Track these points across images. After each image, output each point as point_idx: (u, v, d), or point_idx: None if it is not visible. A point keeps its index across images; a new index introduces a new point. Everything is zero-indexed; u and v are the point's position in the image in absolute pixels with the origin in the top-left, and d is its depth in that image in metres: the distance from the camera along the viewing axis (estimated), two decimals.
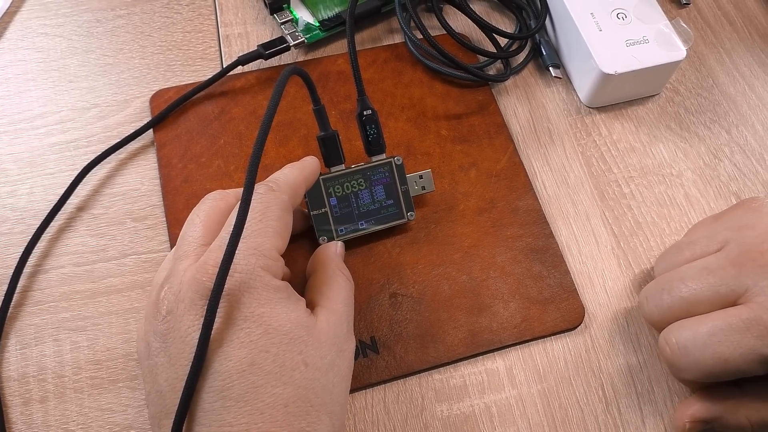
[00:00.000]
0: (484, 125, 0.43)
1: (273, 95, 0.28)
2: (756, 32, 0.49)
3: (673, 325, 0.32)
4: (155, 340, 0.28)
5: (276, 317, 0.27)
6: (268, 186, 0.31)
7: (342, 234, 0.36)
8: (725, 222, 0.34)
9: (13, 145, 0.40)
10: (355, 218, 0.37)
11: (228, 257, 0.26)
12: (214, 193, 0.33)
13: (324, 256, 0.34)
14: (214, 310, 0.26)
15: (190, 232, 0.31)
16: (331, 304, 0.31)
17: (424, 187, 0.38)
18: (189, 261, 0.29)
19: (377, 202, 0.37)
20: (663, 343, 0.32)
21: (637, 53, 0.42)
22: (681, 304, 0.32)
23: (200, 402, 0.26)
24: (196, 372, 0.26)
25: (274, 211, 0.30)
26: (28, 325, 0.35)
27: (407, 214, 0.38)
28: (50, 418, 0.33)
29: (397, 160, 0.37)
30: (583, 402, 0.35)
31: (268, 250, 0.29)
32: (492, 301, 0.37)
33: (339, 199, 0.36)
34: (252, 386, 0.26)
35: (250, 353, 0.26)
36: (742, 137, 0.44)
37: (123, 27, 0.46)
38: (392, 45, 0.46)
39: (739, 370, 0.30)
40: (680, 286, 0.32)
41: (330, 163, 0.36)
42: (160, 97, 0.42)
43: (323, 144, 0.36)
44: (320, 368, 0.28)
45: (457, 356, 0.35)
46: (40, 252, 0.37)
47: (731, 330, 0.29)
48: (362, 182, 0.37)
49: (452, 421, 0.34)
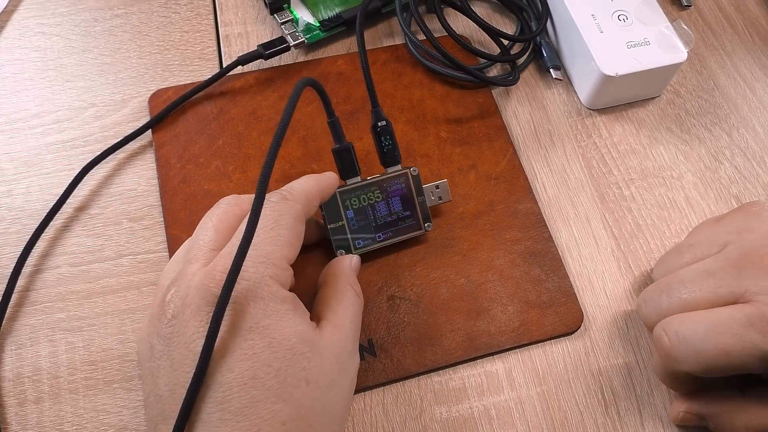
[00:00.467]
0: (484, 127, 0.43)
1: (287, 107, 0.28)
2: (757, 34, 0.49)
3: (671, 317, 0.31)
4: (158, 343, 0.27)
5: (281, 330, 0.27)
6: (281, 195, 0.30)
7: (360, 247, 0.36)
8: (726, 225, 0.34)
9: (10, 145, 0.40)
10: (373, 230, 0.36)
11: (235, 268, 0.26)
12: (228, 198, 0.32)
13: (336, 269, 0.34)
14: (219, 321, 0.26)
15: (202, 235, 0.30)
16: (337, 320, 0.30)
17: (441, 198, 0.38)
18: (198, 265, 0.29)
19: (394, 214, 0.36)
20: (660, 334, 0.31)
21: (638, 55, 0.42)
22: (680, 306, 0.31)
23: (199, 412, 0.26)
24: (197, 383, 0.25)
25: (287, 220, 0.29)
26: (23, 326, 0.35)
27: (425, 225, 0.37)
28: (45, 418, 0.33)
29: (413, 171, 0.37)
30: (582, 405, 0.35)
31: (277, 259, 0.28)
32: (490, 305, 0.37)
33: (356, 212, 0.36)
34: (252, 401, 0.26)
35: (253, 366, 0.26)
36: (742, 140, 0.44)
37: (121, 26, 0.46)
38: (392, 46, 0.46)
39: (739, 365, 0.29)
40: (679, 288, 0.32)
41: (345, 175, 0.36)
42: (159, 97, 0.42)
43: (338, 156, 0.35)
44: (321, 387, 0.28)
45: (455, 360, 0.35)
46: (36, 252, 0.37)
47: (734, 323, 0.29)
48: (379, 194, 0.36)
49: (451, 423, 0.34)
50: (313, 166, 0.40)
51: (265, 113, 0.42)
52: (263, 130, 0.41)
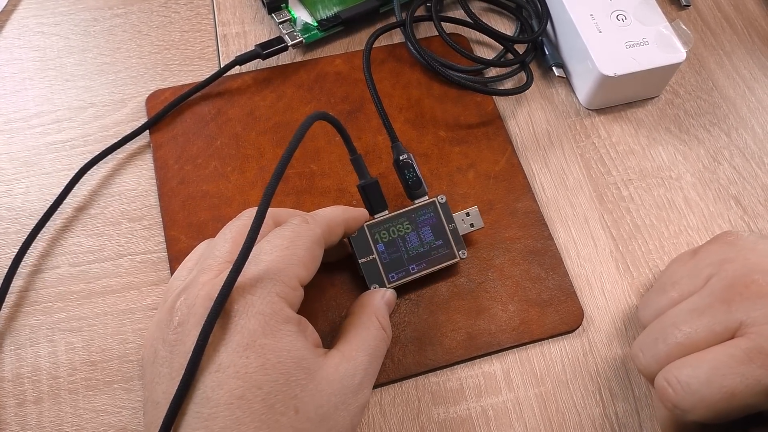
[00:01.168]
0: (483, 127, 0.43)
1: (292, 140, 0.28)
2: (756, 35, 0.49)
3: (671, 364, 0.30)
4: (163, 349, 0.27)
5: (278, 352, 0.26)
6: (303, 218, 0.30)
7: (393, 281, 0.35)
8: (704, 258, 0.33)
9: (9, 145, 0.40)
10: (405, 262, 0.35)
11: (229, 282, 0.26)
12: (251, 211, 0.31)
13: (365, 301, 0.33)
14: (207, 335, 0.25)
15: (220, 246, 0.30)
16: (349, 351, 0.29)
17: (473, 225, 0.37)
18: (209, 276, 0.28)
19: (426, 244, 0.36)
20: (664, 385, 0.29)
21: (636, 55, 0.42)
22: (678, 350, 0.30)
23: (184, 426, 0.25)
24: (181, 395, 0.25)
25: (304, 241, 0.29)
26: (22, 326, 0.35)
27: (459, 253, 0.36)
28: (44, 419, 0.33)
29: (440, 199, 0.36)
30: (580, 406, 0.35)
31: (288, 277, 0.28)
32: (490, 304, 0.37)
33: (386, 245, 0.35)
34: (236, 422, 0.25)
35: (242, 386, 0.25)
36: (741, 140, 0.44)
37: (120, 26, 0.46)
38: (390, 45, 0.46)
39: (747, 405, 0.28)
40: (674, 331, 0.31)
41: (374, 210, 0.35)
42: (156, 98, 0.42)
43: (364, 192, 0.35)
44: (311, 418, 0.27)
45: (456, 359, 0.35)
46: (35, 252, 0.37)
47: (734, 361, 0.28)
48: (408, 225, 0.36)
49: (449, 424, 0.34)
50: (311, 166, 0.40)
51: (263, 113, 0.42)
52: (261, 131, 0.41)
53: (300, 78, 0.44)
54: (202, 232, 0.38)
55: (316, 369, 0.27)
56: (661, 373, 0.30)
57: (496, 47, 0.47)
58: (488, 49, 0.47)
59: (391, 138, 0.37)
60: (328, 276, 0.37)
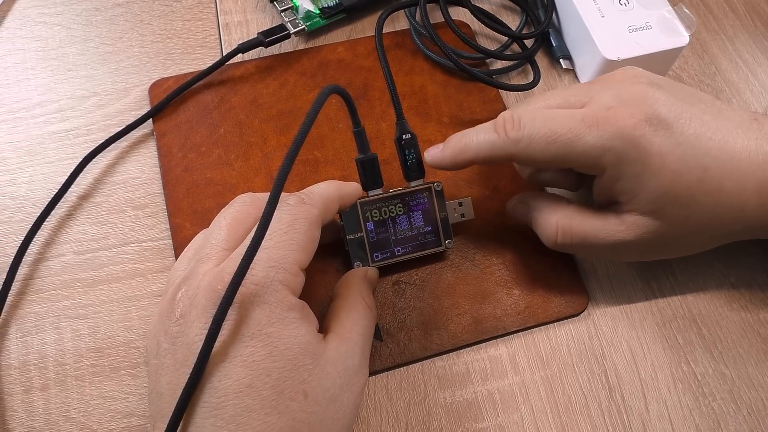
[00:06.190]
0: (486, 112, 0.43)
1: (309, 113, 0.28)
2: (759, 19, 0.49)
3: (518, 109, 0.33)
4: (165, 341, 0.27)
5: (284, 339, 0.27)
6: (299, 198, 0.30)
7: (377, 260, 0.35)
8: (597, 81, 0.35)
9: (13, 134, 0.40)
10: (392, 244, 0.35)
11: (241, 271, 0.25)
12: (244, 196, 0.31)
13: (349, 281, 0.33)
14: (219, 324, 0.25)
15: (215, 234, 0.30)
16: (345, 333, 0.30)
17: (464, 215, 0.37)
18: (209, 265, 0.28)
19: (415, 229, 0.36)
20: (500, 120, 0.32)
21: (639, 39, 0.42)
22: (535, 110, 0.33)
23: (193, 416, 0.25)
24: (192, 386, 0.25)
25: (302, 224, 0.29)
26: (28, 313, 0.35)
27: (445, 243, 0.36)
28: (51, 405, 0.33)
29: (437, 185, 0.36)
30: (586, 388, 0.35)
31: (289, 264, 0.28)
32: (495, 288, 0.37)
33: (376, 224, 0.35)
34: (246, 409, 0.25)
35: (250, 374, 0.26)
36: None
37: (122, 15, 0.45)
38: (393, 32, 0.46)
39: (567, 156, 0.31)
40: (536, 101, 0.34)
41: (368, 186, 0.35)
42: (159, 87, 0.42)
43: (362, 166, 0.35)
44: (320, 401, 0.27)
45: (461, 343, 0.35)
46: (40, 240, 0.37)
47: (569, 118, 0.31)
48: (401, 207, 0.35)
49: (455, 407, 0.34)
50: (315, 153, 0.40)
51: (266, 101, 0.42)
52: (264, 118, 0.41)
53: (302, 66, 0.44)
54: (207, 219, 0.37)
55: (320, 353, 0.28)
56: (503, 112, 0.33)
57: (500, 39, 0.47)
58: (491, 41, 0.47)
59: (398, 115, 0.36)
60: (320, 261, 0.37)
